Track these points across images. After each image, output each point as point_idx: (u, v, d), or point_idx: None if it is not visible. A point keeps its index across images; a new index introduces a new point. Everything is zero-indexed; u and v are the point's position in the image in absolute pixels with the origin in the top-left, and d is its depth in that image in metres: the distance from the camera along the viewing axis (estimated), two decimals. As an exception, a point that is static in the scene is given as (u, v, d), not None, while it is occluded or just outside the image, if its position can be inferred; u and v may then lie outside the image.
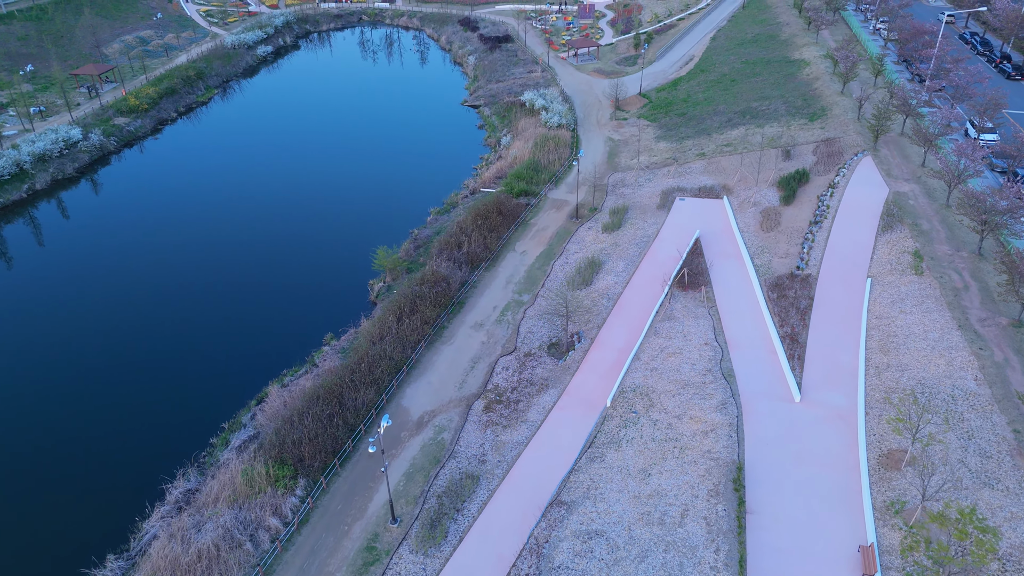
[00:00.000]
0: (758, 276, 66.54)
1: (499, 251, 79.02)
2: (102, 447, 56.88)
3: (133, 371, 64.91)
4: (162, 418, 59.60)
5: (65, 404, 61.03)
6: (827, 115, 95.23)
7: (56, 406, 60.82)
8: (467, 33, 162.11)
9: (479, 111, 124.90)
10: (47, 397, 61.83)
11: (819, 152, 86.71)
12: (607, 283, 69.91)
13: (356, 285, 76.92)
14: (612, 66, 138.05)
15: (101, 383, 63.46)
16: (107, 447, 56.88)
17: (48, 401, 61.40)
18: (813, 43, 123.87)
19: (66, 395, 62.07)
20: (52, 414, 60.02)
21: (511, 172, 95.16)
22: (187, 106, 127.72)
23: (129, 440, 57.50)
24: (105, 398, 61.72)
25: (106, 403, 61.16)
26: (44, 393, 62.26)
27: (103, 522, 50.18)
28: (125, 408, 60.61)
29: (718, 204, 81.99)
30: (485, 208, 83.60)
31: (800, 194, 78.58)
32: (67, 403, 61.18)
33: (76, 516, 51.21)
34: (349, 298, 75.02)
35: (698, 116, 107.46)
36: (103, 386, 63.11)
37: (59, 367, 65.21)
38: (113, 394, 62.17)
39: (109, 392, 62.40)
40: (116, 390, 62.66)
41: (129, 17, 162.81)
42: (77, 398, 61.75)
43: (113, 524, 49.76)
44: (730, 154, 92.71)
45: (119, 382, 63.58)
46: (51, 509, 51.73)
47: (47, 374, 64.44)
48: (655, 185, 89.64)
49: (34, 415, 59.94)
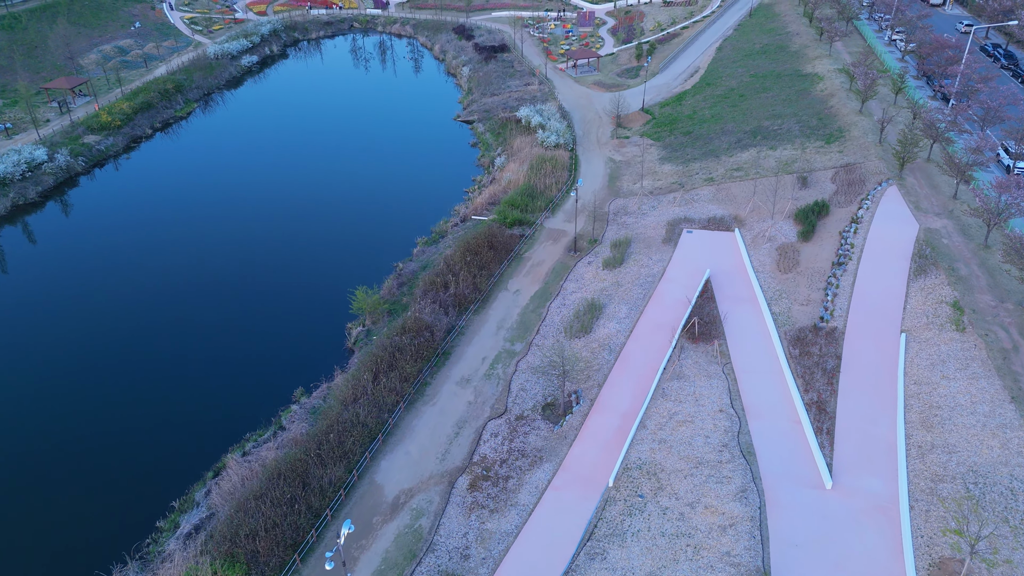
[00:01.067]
0: (777, 327, 59.62)
1: (490, 290, 72.13)
2: (34, 532, 49.97)
3: (78, 430, 58.02)
4: (104, 494, 52.67)
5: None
6: (845, 137, 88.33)
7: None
8: (461, 42, 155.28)
9: (472, 127, 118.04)
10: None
11: (838, 180, 79.81)
12: (608, 331, 63.00)
13: (332, 329, 69.99)
14: (613, 78, 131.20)
15: (39, 449, 56.55)
16: (38, 532, 49.96)
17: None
18: (826, 55, 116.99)
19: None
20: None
21: (504, 199, 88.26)
22: (164, 122, 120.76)
23: (66, 524, 50.57)
24: (42, 468, 54.82)
25: (43, 475, 54.26)
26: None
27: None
28: (65, 482, 53.70)
29: (729, 238, 75.11)
30: (475, 242, 76.70)
31: (820, 229, 71.67)
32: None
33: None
34: (324, 344, 68.09)
35: (705, 135, 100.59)
36: (41, 454, 56.19)
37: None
38: (53, 463, 55.26)
39: (48, 460, 55.49)
40: (56, 456, 55.74)
41: (108, 26, 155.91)
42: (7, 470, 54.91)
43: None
44: (741, 180, 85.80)
45: (59, 448, 56.66)
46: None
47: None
48: (660, 214, 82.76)
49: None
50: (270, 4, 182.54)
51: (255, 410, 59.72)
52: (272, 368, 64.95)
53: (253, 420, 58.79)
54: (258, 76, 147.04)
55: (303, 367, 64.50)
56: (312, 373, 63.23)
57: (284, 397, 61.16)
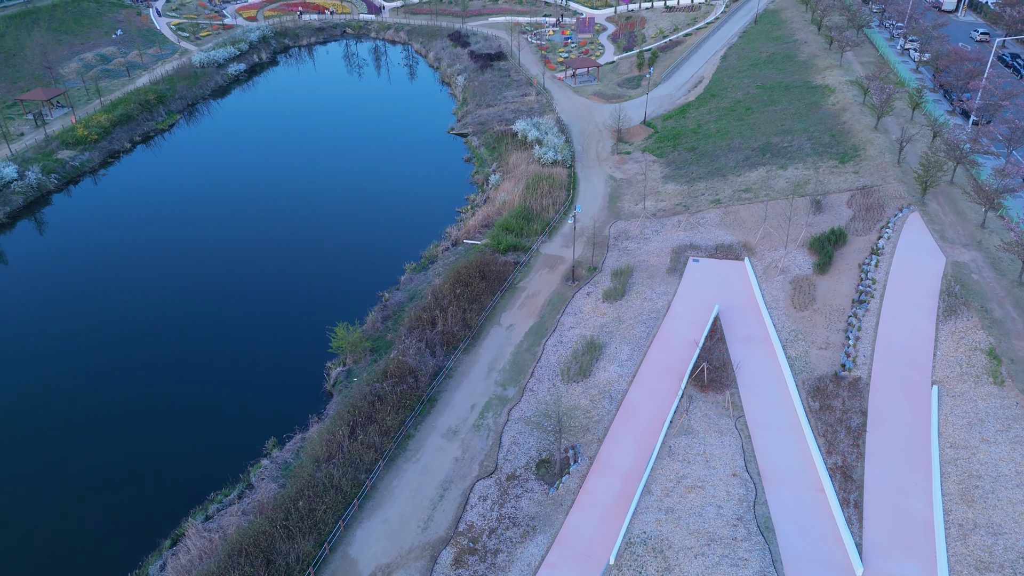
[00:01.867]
0: (794, 375, 54.37)
1: (481, 325, 66.88)
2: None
3: (29, 483, 52.79)
4: (52, 566, 47.46)
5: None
6: (861, 156, 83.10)
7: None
8: (457, 49, 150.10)
9: (467, 141, 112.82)
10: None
11: (855, 204, 74.59)
12: (609, 376, 57.76)
13: (311, 368, 64.70)
14: (613, 89, 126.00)
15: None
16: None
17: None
18: (836, 65, 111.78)
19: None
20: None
21: (499, 221, 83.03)
22: (144, 134, 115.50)
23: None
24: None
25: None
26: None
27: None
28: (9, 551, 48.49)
29: (738, 268, 69.89)
30: (466, 271, 71.47)
31: (837, 260, 66.42)
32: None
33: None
34: (301, 386, 62.82)
35: (710, 152, 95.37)
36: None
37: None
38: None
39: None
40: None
41: (91, 33, 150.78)
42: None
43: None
44: (750, 202, 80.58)
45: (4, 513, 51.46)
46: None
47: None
48: (664, 239, 77.54)
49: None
50: (260, 9, 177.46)
51: (222, 464, 54.47)
52: (243, 414, 59.71)
53: (220, 475, 53.52)
54: (246, 85, 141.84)
55: (277, 413, 59.26)
56: (286, 420, 57.97)
57: (254, 449, 55.93)
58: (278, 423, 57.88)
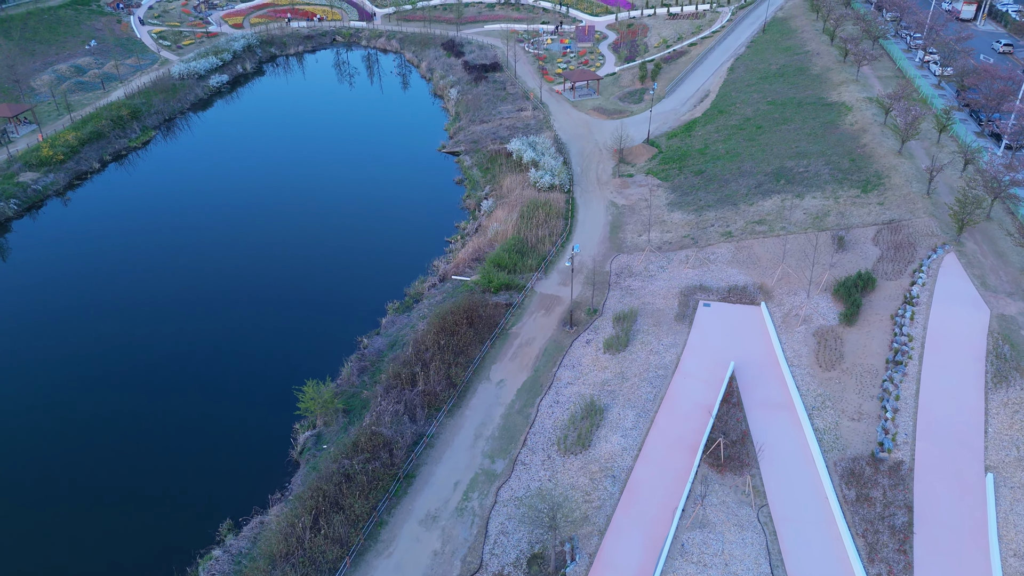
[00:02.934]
0: (823, 452, 47.43)
1: (468, 381, 59.94)
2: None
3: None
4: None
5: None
6: (885, 185, 76.18)
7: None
8: (450, 59, 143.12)
9: (459, 160, 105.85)
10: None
11: (882, 241, 67.66)
12: (611, 448, 50.85)
13: (277, 430, 57.72)
14: (614, 103, 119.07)
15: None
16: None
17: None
18: (852, 80, 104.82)
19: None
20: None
21: (490, 256, 76.12)
22: (115, 153, 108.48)
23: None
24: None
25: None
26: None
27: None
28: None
29: (754, 315, 62.98)
30: (453, 317, 64.56)
31: (866, 309, 59.46)
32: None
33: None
34: (264, 454, 55.87)
35: (720, 176, 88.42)
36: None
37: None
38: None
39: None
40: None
41: (67, 42, 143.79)
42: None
43: None
44: (764, 236, 73.67)
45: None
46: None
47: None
48: (671, 278, 70.60)
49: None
50: (247, 16, 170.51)
51: (169, 554, 47.56)
52: (199, 488, 52.81)
53: (165, 570, 46.59)
54: (229, 97, 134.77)
55: (236, 486, 52.45)
56: (246, 496, 51.09)
57: (207, 534, 48.96)
58: (236, 500, 50.99)
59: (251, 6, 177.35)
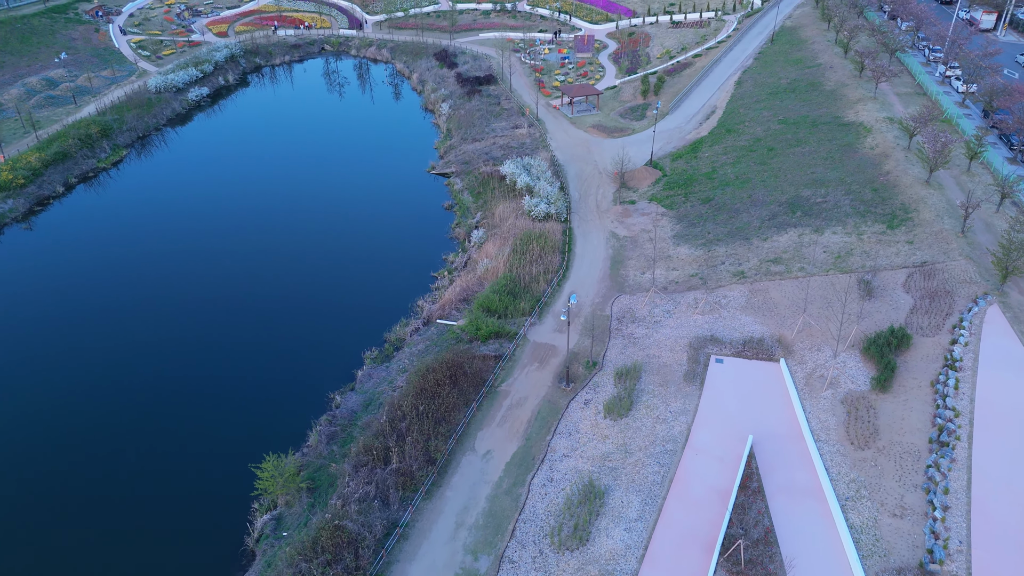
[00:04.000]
0: (862, 560, 40.46)
1: (451, 452, 53.04)
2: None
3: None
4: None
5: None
6: (913, 220, 69.28)
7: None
8: (443, 70, 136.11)
9: (449, 183, 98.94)
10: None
11: (914, 287, 60.75)
12: (613, 545, 43.96)
13: (232, 513, 50.76)
14: (615, 120, 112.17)
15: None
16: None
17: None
18: (870, 97, 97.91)
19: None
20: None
21: (479, 297, 69.26)
22: (82, 175, 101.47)
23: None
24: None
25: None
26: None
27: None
28: None
29: (773, 373, 56.08)
30: (435, 375, 57.64)
31: (902, 371, 52.52)
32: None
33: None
34: (216, 542, 48.93)
35: (729, 205, 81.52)
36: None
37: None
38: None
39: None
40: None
41: (40, 54, 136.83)
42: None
43: None
44: (780, 278, 66.77)
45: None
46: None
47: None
48: (678, 325, 63.70)
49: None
50: (232, 24, 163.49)
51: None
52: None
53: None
54: (209, 111, 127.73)
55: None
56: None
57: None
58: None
59: (237, 13, 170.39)
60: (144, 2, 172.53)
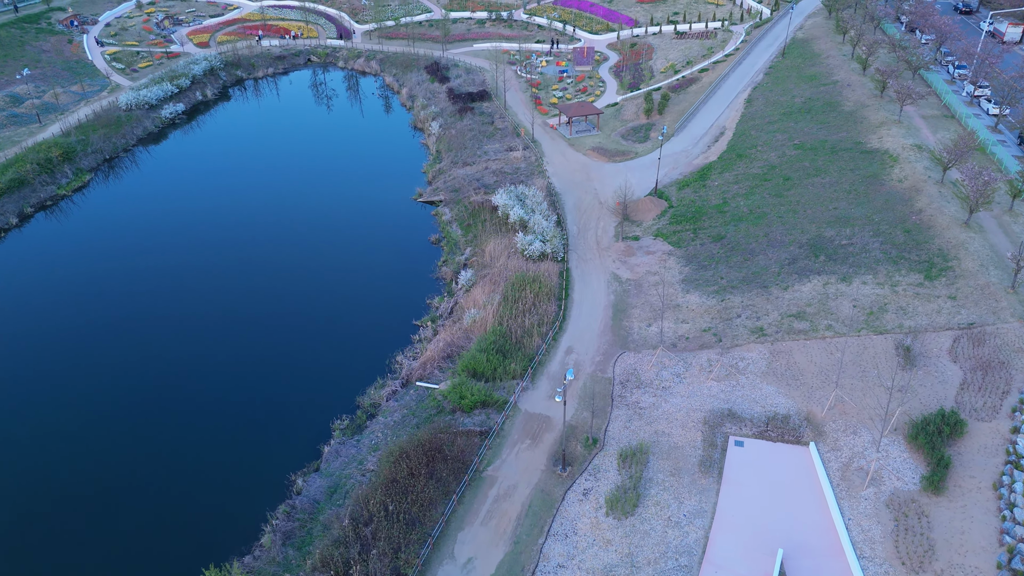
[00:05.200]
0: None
1: (426, 559, 45.19)
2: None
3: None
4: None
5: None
6: (954, 270, 61.45)
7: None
8: (434, 85, 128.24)
9: (436, 212, 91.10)
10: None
11: (962, 355, 52.94)
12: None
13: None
14: (616, 141, 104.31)
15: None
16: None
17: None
18: (894, 121, 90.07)
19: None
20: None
21: (465, 358, 61.46)
22: (40, 203, 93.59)
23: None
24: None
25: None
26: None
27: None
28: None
29: (803, 460, 48.28)
30: (409, 462, 49.83)
31: (957, 467, 44.70)
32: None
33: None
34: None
35: (744, 245, 73.69)
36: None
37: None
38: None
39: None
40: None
41: (7, 67, 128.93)
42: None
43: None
44: (805, 337, 58.95)
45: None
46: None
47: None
48: (690, 393, 55.88)
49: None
50: (214, 34, 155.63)
51: None
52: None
53: None
54: (186, 129, 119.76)
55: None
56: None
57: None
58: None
59: (220, 22, 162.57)
60: (122, 11, 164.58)
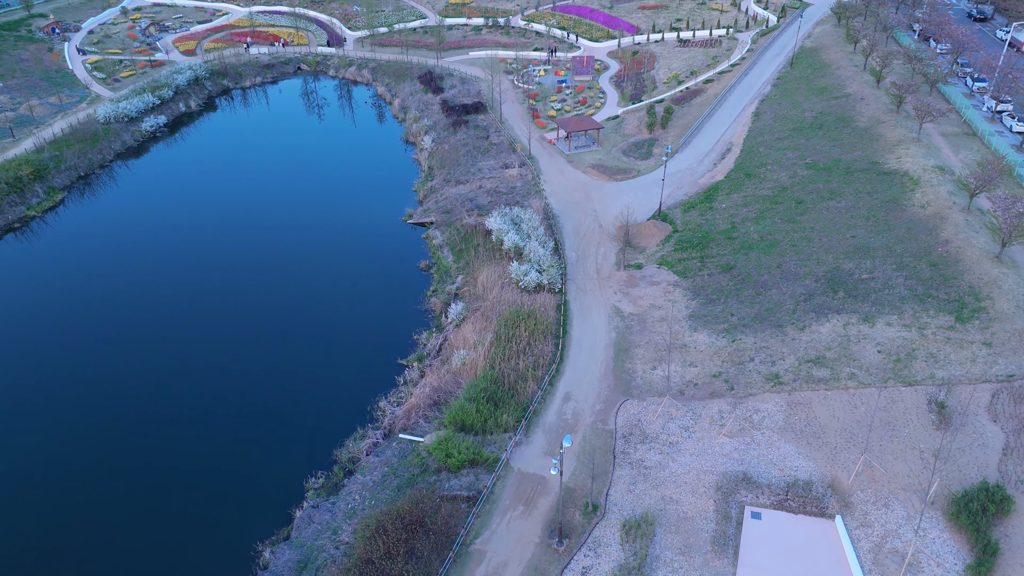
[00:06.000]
0: None
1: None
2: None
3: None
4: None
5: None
6: (987, 311, 56.20)
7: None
8: (427, 96, 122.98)
9: (427, 235, 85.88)
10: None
11: (1003, 413, 47.70)
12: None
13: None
14: (618, 158, 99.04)
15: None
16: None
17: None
18: (912, 139, 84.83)
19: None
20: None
21: (452, 408, 56.23)
22: (8, 226, 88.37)
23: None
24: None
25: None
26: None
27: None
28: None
29: (828, 538, 43.01)
30: (386, 539, 44.53)
31: (1005, 551, 39.47)
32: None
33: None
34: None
35: (755, 277, 68.43)
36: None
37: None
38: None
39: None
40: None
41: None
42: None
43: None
44: (826, 387, 53.68)
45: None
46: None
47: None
48: (700, 451, 50.64)
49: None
50: (201, 41, 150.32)
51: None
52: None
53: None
54: (168, 142, 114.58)
55: None
56: None
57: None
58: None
59: (207, 28, 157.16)
60: (107, 18, 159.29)
